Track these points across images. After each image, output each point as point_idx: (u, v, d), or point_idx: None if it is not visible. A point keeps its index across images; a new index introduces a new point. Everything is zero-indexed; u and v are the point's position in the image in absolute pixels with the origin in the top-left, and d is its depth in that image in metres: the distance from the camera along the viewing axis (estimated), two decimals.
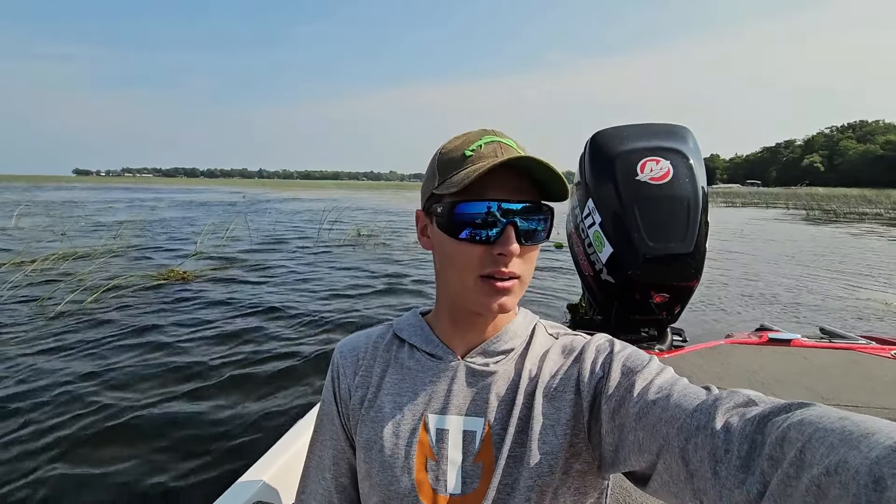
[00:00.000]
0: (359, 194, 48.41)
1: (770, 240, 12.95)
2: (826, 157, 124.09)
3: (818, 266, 8.92)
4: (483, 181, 0.55)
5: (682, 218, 2.05)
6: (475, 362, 0.62)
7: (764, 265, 9.01)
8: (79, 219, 15.31)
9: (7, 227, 12.17)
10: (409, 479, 0.58)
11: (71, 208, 20.54)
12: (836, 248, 11.09)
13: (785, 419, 0.36)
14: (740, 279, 7.62)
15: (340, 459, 0.66)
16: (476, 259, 0.56)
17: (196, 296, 5.68)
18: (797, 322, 5.25)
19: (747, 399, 0.42)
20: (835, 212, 24.80)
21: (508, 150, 0.57)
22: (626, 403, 0.51)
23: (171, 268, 7.10)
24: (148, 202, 26.59)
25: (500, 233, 0.55)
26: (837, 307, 5.93)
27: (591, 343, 0.61)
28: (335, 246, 10.53)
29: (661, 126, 2.27)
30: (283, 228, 14.08)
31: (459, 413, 0.59)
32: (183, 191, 50.33)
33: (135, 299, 5.46)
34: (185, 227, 13.91)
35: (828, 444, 0.31)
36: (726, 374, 1.98)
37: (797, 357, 2.16)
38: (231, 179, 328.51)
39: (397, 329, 0.69)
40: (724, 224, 17.19)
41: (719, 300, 6.13)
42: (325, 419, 0.68)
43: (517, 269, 0.56)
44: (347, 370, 0.67)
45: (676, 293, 2.19)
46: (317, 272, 7.52)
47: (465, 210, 0.56)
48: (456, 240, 0.57)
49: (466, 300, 0.59)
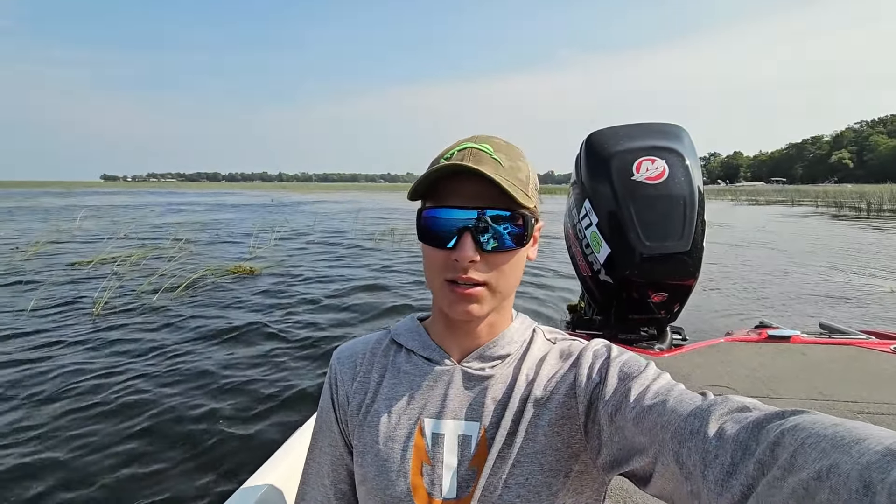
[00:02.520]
0: (379, 196, 49.74)
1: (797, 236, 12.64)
2: (855, 153, 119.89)
3: (822, 261, 8.77)
4: (450, 188, 0.56)
5: (679, 217, 2.05)
6: (472, 367, 0.62)
7: (766, 262, 8.87)
8: (131, 221, 16.76)
9: (72, 228, 13.44)
10: (404, 483, 0.58)
11: (118, 211, 22.20)
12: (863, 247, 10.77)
13: (779, 425, 0.36)
14: (740, 276, 7.51)
15: (339, 466, 0.67)
16: (439, 264, 0.57)
17: (266, 287, 6.47)
18: (797, 318, 5.18)
19: (741, 405, 0.42)
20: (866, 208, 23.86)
21: (477, 157, 0.56)
22: (623, 408, 0.51)
23: (239, 263, 7.95)
24: (183, 206, 28.07)
25: (458, 239, 0.55)
26: (838, 302, 5.82)
27: (588, 348, 0.61)
28: (369, 240, 11.47)
29: (656, 126, 2.26)
30: (323, 227, 15.38)
31: (455, 417, 0.60)
32: (210, 194, 52.61)
33: (216, 291, 6.25)
34: (232, 227, 15.46)
35: (819, 449, 0.31)
36: (726, 372, 1.96)
37: (797, 353, 2.13)
38: (252, 183, 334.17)
39: (395, 334, 0.69)
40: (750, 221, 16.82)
41: (719, 298, 6.06)
42: (324, 426, 0.68)
43: (480, 275, 0.56)
44: (345, 376, 0.67)
45: (675, 292, 2.18)
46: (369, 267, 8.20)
47: (427, 215, 0.58)
48: (425, 244, 0.59)
49: (440, 304, 0.60)
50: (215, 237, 12.53)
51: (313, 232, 13.99)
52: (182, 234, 12.23)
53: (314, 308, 5.51)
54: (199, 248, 10.18)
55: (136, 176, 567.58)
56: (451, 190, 0.56)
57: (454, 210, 0.56)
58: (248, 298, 5.84)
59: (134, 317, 5.01)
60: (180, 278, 6.46)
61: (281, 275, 7.36)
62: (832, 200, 29.91)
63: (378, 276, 7.30)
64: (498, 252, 0.57)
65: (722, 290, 6.53)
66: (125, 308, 5.29)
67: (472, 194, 0.56)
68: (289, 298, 5.85)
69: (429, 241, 0.58)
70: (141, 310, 5.25)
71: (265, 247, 10.28)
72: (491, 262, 0.57)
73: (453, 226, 0.56)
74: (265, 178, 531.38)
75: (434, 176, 0.56)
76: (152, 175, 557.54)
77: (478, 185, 0.55)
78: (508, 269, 0.59)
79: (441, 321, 0.65)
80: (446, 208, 0.56)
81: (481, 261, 0.56)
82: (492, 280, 0.57)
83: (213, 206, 28.58)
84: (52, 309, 5.22)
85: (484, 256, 0.56)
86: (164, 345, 4.18)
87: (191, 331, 4.56)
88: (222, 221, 17.52)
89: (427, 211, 0.58)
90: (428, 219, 0.58)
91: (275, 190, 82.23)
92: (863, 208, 24.78)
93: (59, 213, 19.64)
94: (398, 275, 7.41)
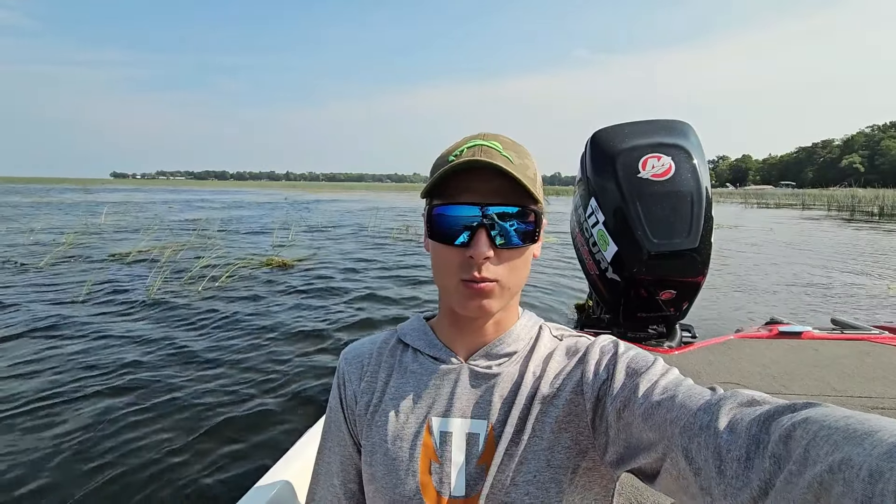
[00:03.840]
0: (388, 195, 50.36)
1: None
2: (866, 158, 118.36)
3: (831, 258, 8.71)
4: (462, 185, 0.56)
5: (686, 213, 2.03)
6: (478, 365, 0.62)
7: (776, 259, 8.84)
8: (153, 217, 17.39)
9: (98, 223, 14.10)
10: (413, 482, 0.58)
11: (139, 208, 22.70)
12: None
13: (790, 418, 0.36)
14: (749, 273, 7.46)
15: (348, 465, 0.67)
16: (453, 262, 0.57)
17: (300, 279, 6.85)
18: (808, 314, 5.14)
19: (751, 399, 0.42)
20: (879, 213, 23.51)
21: (488, 153, 0.56)
22: (631, 404, 0.51)
23: (272, 256, 8.41)
24: (200, 203, 28.77)
25: (472, 236, 0.55)
26: (849, 297, 5.77)
27: (595, 344, 0.61)
28: (390, 237, 11.95)
29: (662, 122, 2.24)
30: (346, 224, 15.85)
31: (463, 416, 0.60)
32: (224, 192, 53.60)
33: (251, 281, 6.67)
34: (253, 222, 16.16)
35: (832, 441, 0.31)
36: (737, 369, 1.94)
37: (808, 349, 2.11)
38: (260, 182, 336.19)
39: (401, 334, 0.69)
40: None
41: (728, 294, 6.01)
42: (333, 426, 0.69)
43: (494, 273, 0.56)
44: (353, 377, 0.67)
45: (683, 289, 2.17)
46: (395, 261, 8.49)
47: (439, 213, 0.57)
48: (437, 242, 0.58)
49: (451, 302, 0.60)
50: (240, 231, 13.23)
51: (338, 226, 14.75)
52: (208, 229, 13.11)
53: (353, 299, 5.73)
54: (227, 241, 10.69)
55: (146, 173, 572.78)
56: (464, 187, 0.56)
57: (468, 207, 0.55)
58: (285, 289, 6.17)
59: (186, 302, 5.40)
60: (220, 269, 6.84)
61: (314, 267, 7.79)
62: (844, 204, 29.61)
63: (413, 270, 7.54)
64: (510, 248, 0.57)
65: (731, 286, 6.48)
66: (174, 296, 5.66)
67: (486, 191, 0.56)
68: (327, 289, 6.20)
69: (441, 239, 0.57)
70: (189, 296, 5.65)
71: (296, 240, 11.00)
72: (504, 258, 0.57)
73: (468, 222, 0.55)
74: (273, 176, 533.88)
75: (450, 171, 0.55)
76: (161, 173, 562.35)
77: (490, 181, 0.56)
78: (520, 266, 0.59)
79: (448, 319, 0.65)
80: (460, 205, 0.56)
81: (495, 257, 0.56)
82: (504, 276, 0.57)
83: (229, 203, 29.17)
84: (107, 296, 5.61)
85: (497, 252, 0.56)
86: (209, 331, 4.41)
87: (234, 320, 4.77)
88: (242, 218, 18.10)
89: (439, 208, 0.57)
90: (440, 216, 0.57)
91: (285, 189, 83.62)
92: (875, 213, 24.45)
93: (82, 209, 20.31)
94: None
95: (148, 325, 4.53)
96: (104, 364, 3.54)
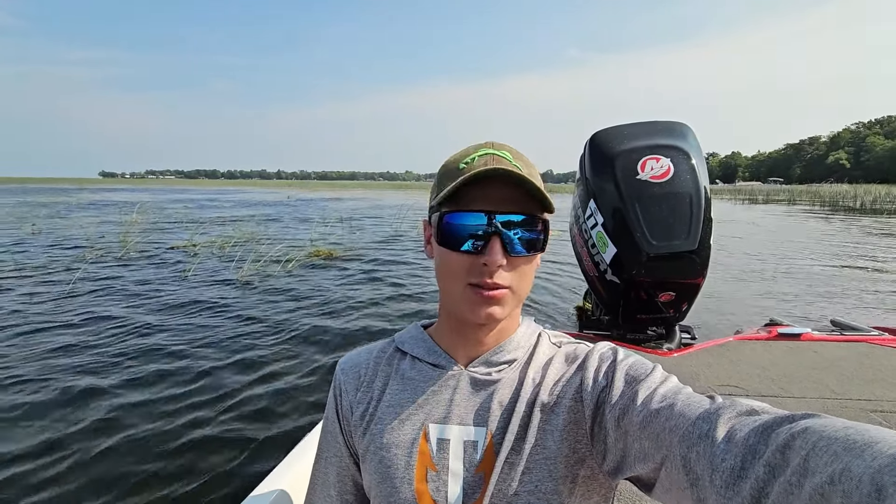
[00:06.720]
0: (385, 193, 51.20)
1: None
2: (852, 154, 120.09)
3: (829, 257, 8.82)
4: (474, 193, 0.56)
5: (686, 215, 2.03)
6: (478, 372, 0.62)
7: (773, 259, 8.91)
8: (179, 214, 18.54)
9: (128, 220, 15.07)
10: (409, 490, 0.57)
11: (159, 206, 23.54)
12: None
13: (788, 429, 0.36)
14: (749, 274, 7.52)
15: (345, 476, 0.66)
16: (463, 268, 0.57)
17: (349, 267, 7.83)
18: (808, 315, 5.17)
19: (750, 408, 0.42)
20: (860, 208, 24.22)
21: (500, 163, 0.56)
22: (629, 412, 0.51)
23: (318, 248, 9.42)
24: (207, 202, 29.46)
25: (486, 243, 0.55)
26: (849, 298, 5.82)
27: (594, 351, 0.61)
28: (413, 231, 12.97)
29: (661, 124, 2.24)
30: (363, 222, 16.64)
31: (461, 423, 0.59)
32: (228, 192, 54.16)
33: (307, 269, 7.62)
34: (275, 219, 17.39)
35: (831, 452, 0.31)
36: (736, 371, 1.94)
37: (807, 351, 2.11)
38: (251, 181, 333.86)
39: (399, 342, 0.69)
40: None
41: (728, 296, 6.04)
42: (329, 437, 0.68)
43: (505, 280, 0.56)
44: (349, 387, 0.67)
45: (683, 291, 2.17)
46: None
47: (452, 220, 0.57)
48: (447, 249, 0.58)
49: (458, 309, 0.59)
50: (272, 226, 14.36)
51: (357, 220, 15.90)
52: (240, 224, 14.26)
53: (396, 288, 6.34)
54: (265, 235, 11.72)
55: (135, 173, 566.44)
56: (476, 195, 0.56)
57: (481, 215, 0.55)
58: (335, 275, 7.10)
59: (270, 284, 6.50)
60: (277, 258, 7.90)
61: (357, 258, 8.70)
62: (826, 199, 30.61)
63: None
64: (521, 256, 0.57)
65: (731, 288, 6.52)
66: (260, 279, 6.84)
67: (498, 199, 0.56)
68: (373, 275, 7.07)
69: (452, 246, 0.57)
70: (267, 279, 6.79)
71: (334, 233, 12.41)
72: (515, 265, 0.57)
73: (482, 230, 0.55)
74: (264, 175, 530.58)
75: (471, 179, 0.55)
76: (151, 172, 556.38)
77: (501, 189, 0.56)
78: (529, 273, 0.60)
79: (449, 326, 0.65)
80: (474, 213, 0.56)
81: (507, 264, 0.56)
82: (515, 283, 0.57)
83: (240, 202, 30.11)
84: (205, 279, 6.77)
85: (510, 260, 0.56)
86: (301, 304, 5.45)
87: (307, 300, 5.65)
88: (261, 215, 18.99)
89: (450, 215, 0.57)
90: (452, 223, 0.57)
91: (282, 187, 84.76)
92: (856, 207, 25.23)
93: (103, 209, 21.02)
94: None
95: (251, 302, 5.57)
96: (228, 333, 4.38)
